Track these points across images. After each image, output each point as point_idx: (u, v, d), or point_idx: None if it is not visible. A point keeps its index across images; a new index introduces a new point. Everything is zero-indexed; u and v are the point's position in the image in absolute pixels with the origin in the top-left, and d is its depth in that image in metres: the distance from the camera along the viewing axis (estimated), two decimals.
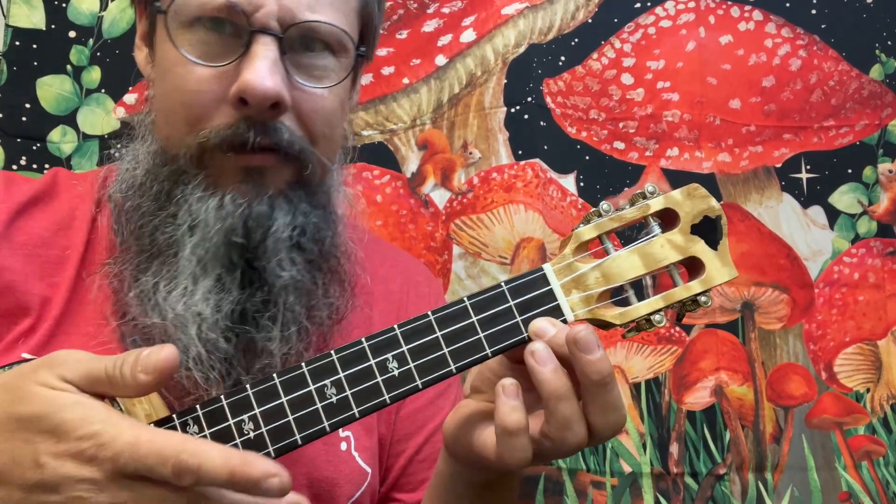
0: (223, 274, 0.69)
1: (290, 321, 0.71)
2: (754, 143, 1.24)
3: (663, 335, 1.21)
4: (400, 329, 0.60)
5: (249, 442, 0.58)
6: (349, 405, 0.58)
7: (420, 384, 0.59)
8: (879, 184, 1.24)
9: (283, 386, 0.58)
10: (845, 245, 1.24)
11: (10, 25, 1.24)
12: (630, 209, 0.63)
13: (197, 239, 0.69)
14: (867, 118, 1.24)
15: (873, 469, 1.19)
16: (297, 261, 0.72)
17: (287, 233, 0.71)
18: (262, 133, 0.68)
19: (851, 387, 1.21)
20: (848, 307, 1.22)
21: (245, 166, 0.70)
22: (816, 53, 1.25)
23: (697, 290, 0.63)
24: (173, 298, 0.69)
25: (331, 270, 0.76)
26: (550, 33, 1.26)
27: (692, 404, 1.20)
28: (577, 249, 0.63)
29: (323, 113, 0.73)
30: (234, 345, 0.69)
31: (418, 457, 0.85)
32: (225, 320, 0.68)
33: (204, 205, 0.69)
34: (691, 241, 0.63)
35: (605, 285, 0.62)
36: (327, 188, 0.77)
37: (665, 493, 1.18)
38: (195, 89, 0.69)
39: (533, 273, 0.62)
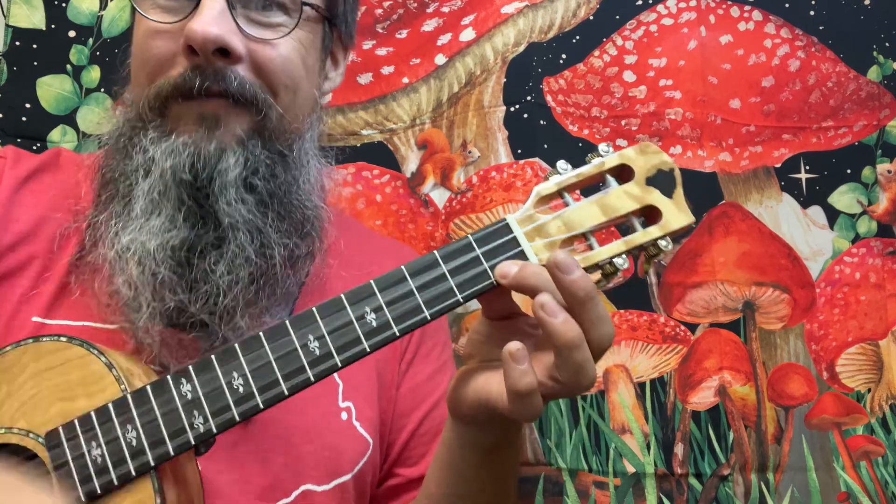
0: (174, 213, 0.73)
1: (237, 255, 0.73)
2: (754, 143, 1.24)
3: (669, 334, 1.20)
4: (375, 283, 0.64)
5: (239, 395, 0.62)
6: (331, 355, 0.62)
7: (397, 331, 0.63)
8: (878, 184, 1.24)
9: (268, 342, 0.63)
10: (846, 245, 1.24)
11: (10, 25, 1.24)
12: (587, 167, 0.67)
13: (150, 180, 0.73)
14: (865, 119, 1.25)
15: (872, 469, 1.19)
16: (248, 200, 0.75)
17: (236, 172, 0.74)
18: (211, 79, 0.73)
19: (853, 387, 1.21)
20: (850, 307, 1.22)
21: (199, 112, 0.74)
22: (815, 55, 1.25)
23: (657, 234, 0.65)
24: (124, 233, 0.73)
25: (288, 215, 0.78)
26: (551, 31, 1.26)
27: (697, 404, 1.19)
28: (538, 204, 0.66)
29: (279, 63, 0.76)
30: (178, 274, 0.72)
31: (419, 431, 0.87)
32: (169, 252, 0.72)
33: (157, 147, 0.74)
34: (647, 191, 0.66)
35: (566, 233, 0.65)
36: (291, 143, 0.79)
37: (669, 494, 1.17)
38: (152, 46, 0.75)
39: (497, 224, 0.65)
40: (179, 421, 0.62)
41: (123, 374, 0.64)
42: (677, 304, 1.21)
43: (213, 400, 0.62)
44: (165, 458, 0.61)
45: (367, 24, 1.25)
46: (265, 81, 0.76)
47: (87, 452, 0.61)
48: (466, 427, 0.69)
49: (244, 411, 0.62)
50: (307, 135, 0.83)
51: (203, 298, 0.72)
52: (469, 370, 0.67)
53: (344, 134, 1.25)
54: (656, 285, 1.21)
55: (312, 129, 0.84)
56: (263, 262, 0.75)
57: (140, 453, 0.61)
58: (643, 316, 1.21)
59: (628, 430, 1.18)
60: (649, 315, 1.21)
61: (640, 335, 1.20)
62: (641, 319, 1.20)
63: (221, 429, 0.62)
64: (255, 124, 0.76)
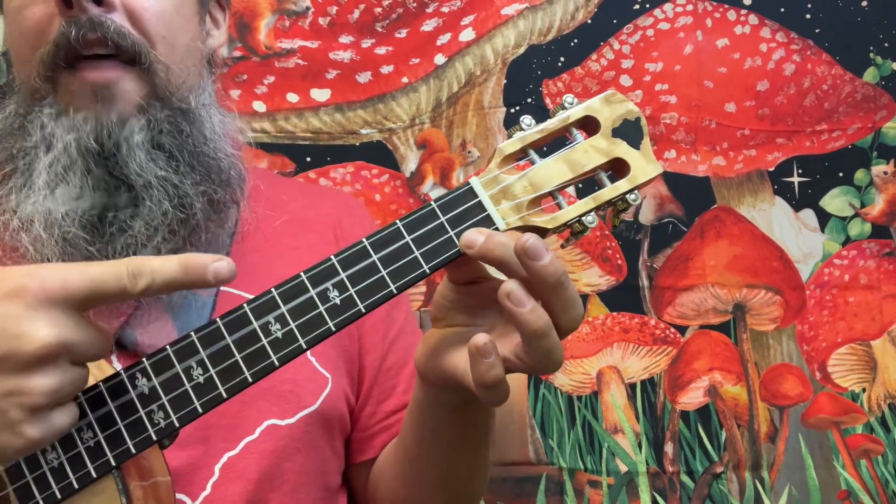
0: (82, 183, 0.72)
1: (153, 211, 0.73)
2: (748, 147, 1.25)
3: (659, 336, 1.21)
4: (336, 258, 0.60)
5: (200, 386, 0.58)
6: (295, 338, 0.59)
7: (362, 308, 0.60)
8: (874, 185, 1.25)
9: (226, 327, 0.59)
10: (836, 247, 1.24)
11: None
12: (551, 121, 0.63)
13: (53, 153, 0.72)
14: (860, 121, 1.25)
15: (872, 468, 1.20)
16: (158, 158, 0.74)
17: (142, 136, 0.73)
18: (87, 27, 0.71)
19: (846, 387, 1.22)
20: (839, 308, 1.23)
21: (91, 85, 0.72)
22: (810, 58, 1.26)
23: (625, 188, 0.63)
24: (26, 203, 0.72)
25: (200, 164, 0.77)
26: (550, 34, 1.26)
27: (686, 404, 1.21)
28: (503, 163, 0.63)
29: (154, 11, 0.75)
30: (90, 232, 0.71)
31: (384, 365, 0.88)
32: (79, 214, 0.71)
33: (57, 123, 0.73)
34: (614, 143, 0.63)
35: (533, 193, 0.62)
36: (186, 97, 0.78)
37: (661, 491, 1.18)
38: (27, 15, 0.73)
39: (460, 188, 0.62)
40: (139, 418, 0.58)
41: None
42: (668, 307, 1.22)
43: (172, 393, 0.58)
44: (127, 456, 0.58)
45: (366, 22, 1.25)
46: (141, 31, 0.74)
47: (42, 457, 0.58)
48: (434, 388, 0.68)
49: (206, 402, 0.59)
50: (202, 87, 0.82)
51: (121, 251, 0.71)
52: (436, 336, 0.65)
53: (343, 133, 1.25)
54: (648, 288, 1.22)
55: (205, 84, 0.83)
56: (182, 212, 0.74)
57: (99, 454, 0.58)
58: (635, 318, 1.22)
59: (620, 429, 1.20)
60: (640, 318, 1.22)
61: (632, 337, 1.21)
62: (633, 322, 1.22)
63: (184, 422, 0.59)
64: (148, 84, 0.75)
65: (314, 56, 1.25)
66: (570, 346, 1.21)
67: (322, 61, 1.25)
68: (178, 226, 0.74)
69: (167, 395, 0.58)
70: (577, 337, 1.21)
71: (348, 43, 1.25)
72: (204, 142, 0.78)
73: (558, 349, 0.58)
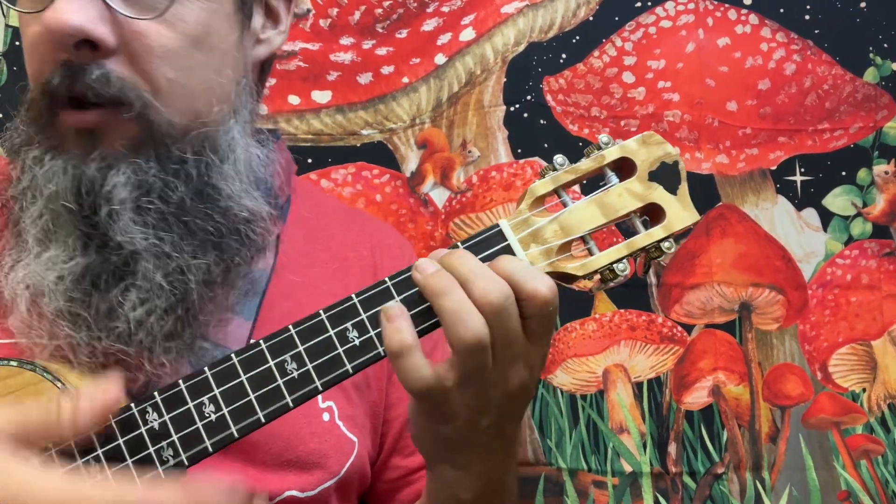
0: (71, 241, 0.65)
1: (145, 286, 0.65)
2: (750, 146, 1.25)
3: (666, 335, 1.21)
4: (358, 298, 0.59)
5: (211, 424, 0.57)
6: (311, 378, 0.57)
7: (382, 351, 0.58)
8: (875, 185, 1.25)
9: (241, 365, 0.57)
10: (838, 247, 1.24)
11: (10, 25, 1.23)
12: (585, 161, 0.62)
13: (38, 206, 0.65)
14: (861, 121, 1.25)
15: (872, 468, 1.20)
16: (147, 224, 0.65)
17: (124, 194, 0.64)
18: (72, 77, 0.63)
19: (847, 387, 1.21)
20: (840, 308, 1.23)
21: (76, 127, 0.65)
22: (810, 58, 1.25)
23: (660, 235, 0.61)
24: (18, 267, 0.65)
25: (202, 227, 0.68)
26: (551, 31, 1.26)
27: (690, 404, 1.20)
28: (533, 204, 0.61)
29: (160, 52, 0.64)
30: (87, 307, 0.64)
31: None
32: (69, 284, 0.64)
33: (39, 170, 0.65)
34: (650, 188, 0.61)
35: (564, 237, 0.61)
36: (193, 143, 0.68)
37: (664, 492, 1.18)
38: (29, 45, 0.67)
39: (489, 230, 0.61)
40: (148, 454, 0.56)
41: None
42: (675, 305, 1.22)
43: (182, 430, 0.56)
44: None
45: (366, 24, 1.25)
46: (143, 75, 0.64)
47: None
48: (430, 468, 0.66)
49: (217, 441, 0.56)
50: (229, 123, 0.71)
51: (118, 335, 0.64)
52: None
53: (344, 134, 1.25)
54: (656, 286, 1.22)
55: (237, 115, 0.72)
56: (177, 288, 0.66)
57: None
58: (642, 316, 1.21)
59: (626, 429, 1.19)
60: (648, 315, 1.21)
61: (639, 335, 1.21)
62: (640, 319, 1.21)
63: (193, 461, 0.57)
64: (140, 131, 0.65)
65: (315, 58, 1.25)
66: (575, 344, 1.20)
67: (323, 63, 1.25)
68: (176, 302, 0.66)
69: (178, 433, 0.57)
70: (583, 334, 1.21)
71: (349, 44, 1.25)
72: (205, 195, 0.69)
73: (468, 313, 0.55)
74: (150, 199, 0.65)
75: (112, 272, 0.65)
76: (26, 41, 0.67)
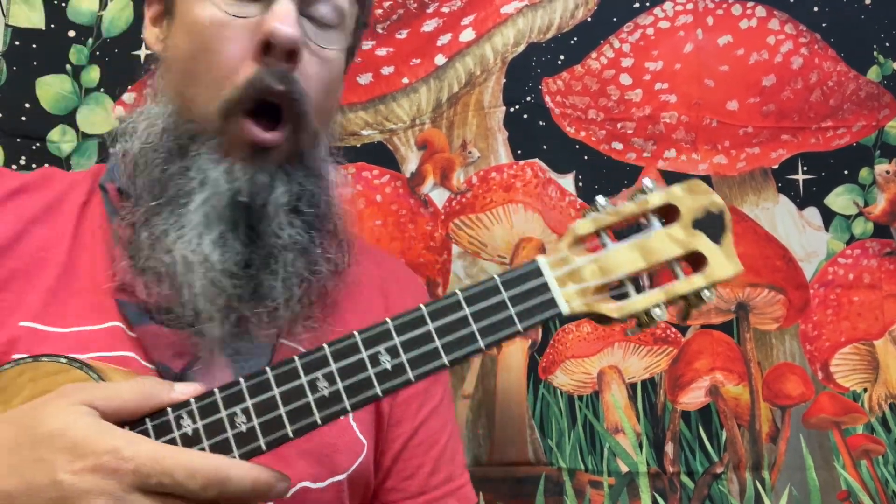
0: (226, 231, 0.73)
1: (291, 274, 0.75)
2: (751, 145, 1.24)
3: (659, 336, 1.21)
4: (393, 322, 0.60)
5: (241, 435, 0.58)
6: (341, 398, 0.58)
7: (412, 377, 0.59)
8: (876, 185, 1.24)
9: (275, 379, 0.59)
10: (840, 246, 1.24)
11: (9, 25, 1.25)
12: (628, 204, 0.62)
13: (206, 194, 0.72)
14: (864, 119, 1.25)
15: (872, 468, 1.19)
16: (296, 223, 0.76)
17: (285, 199, 0.75)
18: (278, 80, 0.72)
19: (848, 386, 1.21)
20: (843, 307, 1.23)
21: (255, 140, 0.73)
22: (818, 52, 1.25)
23: (700, 284, 0.61)
24: (182, 244, 0.72)
25: (327, 230, 0.80)
26: (549, 32, 1.26)
27: (687, 404, 1.20)
28: (574, 244, 0.62)
29: (324, 78, 0.77)
30: (240, 286, 0.73)
31: (412, 442, 0.86)
32: (231, 265, 0.72)
33: (215, 166, 0.73)
34: (693, 235, 0.61)
35: (602, 279, 0.61)
36: (318, 156, 0.80)
37: (662, 492, 1.18)
38: (222, 38, 0.73)
39: (527, 266, 0.61)
40: None
41: None
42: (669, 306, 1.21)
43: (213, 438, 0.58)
44: None
45: None
46: (309, 94, 0.75)
47: None
48: None
49: (245, 452, 0.58)
50: (327, 140, 0.83)
51: (265, 313, 0.73)
52: None
53: (344, 134, 1.25)
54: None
55: (332, 133, 0.85)
56: (313, 277, 0.77)
57: None
58: None
59: (621, 429, 1.19)
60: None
61: (633, 337, 1.21)
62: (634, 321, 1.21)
63: None
64: (295, 146, 0.76)
65: None
66: (572, 346, 1.21)
67: None
68: (309, 290, 0.77)
69: (209, 440, 0.58)
70: (578, 336, 1.21)
71: None
72: (333, 205, 0.81)
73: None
74: (302, 205, 0.77)
75: (261, 260, 0.74)
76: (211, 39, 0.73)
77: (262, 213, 0.74)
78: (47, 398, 0.55)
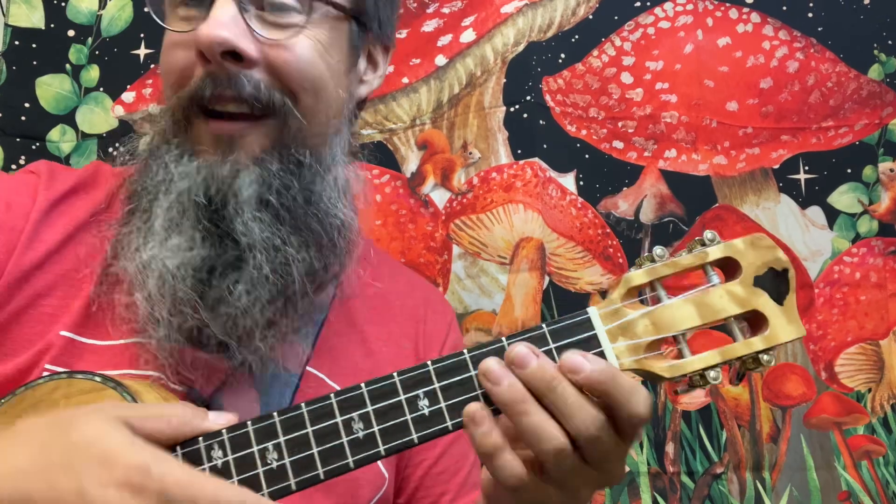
0: (193, 233, 0.71)
1: (255, 275, 0.71)
2: (751, 145, 1.24)
3: None
4: (434, 366, 0.58)
5: (272, 472, 0.56)
6: (375, 442, 0.56)
7: (450, 425, 0.57)
8: (880, 183, 1.24)
9: (310, 415, 0.57)
10: (845, 245, 1.23)
11: (9, 25, 1.25)
12: (687, 256, 0.59)
13: (169, 198, 0.72)
14: (866, 118, 1.24)
15: (873, 468, 1.19)
16: (263, 218, 0.72)
17: (251, 191, 0.72)
18: (224, 85, 0.71)
19: (853, 387, 1.21)
20: (849, 307, 1.22)
21: (216, 135, 0.73)
22: (814, 56, 1.24)
23: (760, 346, 0.57)
24: (144, 249, 0.71)
25: (305, 227, 0.75)
26: (550, 30, 1.26)
27: (687, 404, 1.20)
28: (627, 295, 0.59)
29: (296, 64, 0.73)
30: (199, 294, 0.70)
31: (435, 469, 0.84)
32: (190, 272, 0.70)
33: (177, 166, 0.72)
34: (754, 293, 0.57)
35: (655, 334, 0.57)
36: (313, 150, 0.76)
37: (662, 492, 1.18)
38: (171, 58, 0.74)
39: (577, 316, 0.58)
40: None
41: None
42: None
43: (243, 473, 0.56)
44: None
45: None
46: (283, 85, 0.73)
47: None
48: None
49: (274, 491, 0.56)
50: (334, 139, 0.79)
51: (223, 319, 0.70)
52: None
53: None
54: None
55: (341, 133, 0.81)
56: (281, 279, 0.72)
57: None
58: None
59: None
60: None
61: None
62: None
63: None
64: (274, 135, 0.74)
65: None
66: None
67: None
68: (276, 294, 0.72)
69: (238, 475, 0.57)
70: None
71: None
72: (315, 200, 0.76)
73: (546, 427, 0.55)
74: (269, 196, 0.72)
75: (226, 264, 0.71)
76: (169, 61, 0.75)
77: (225, 210, 0.71)
78: (86, 409, 0.54)
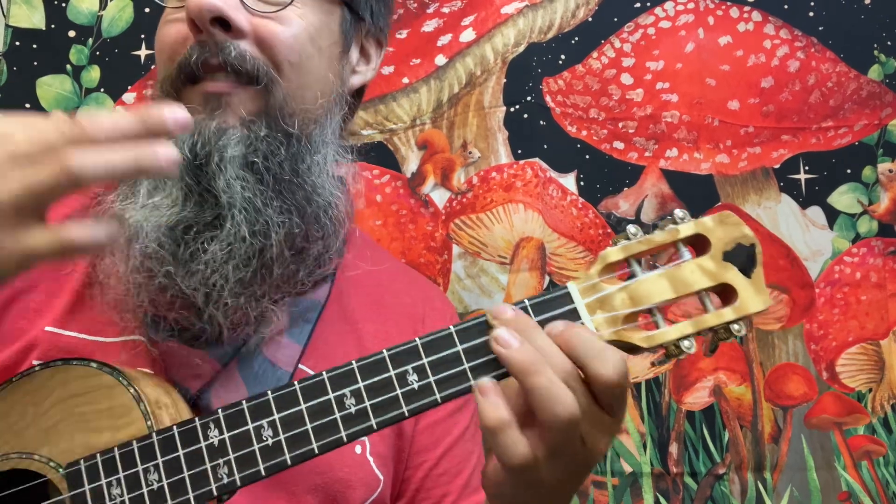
0: (176, 193, 0.72)
1: (232, 234, 0.72)
2: (752, 145, 1.24)
3: None
4: (421, 341, 0.60)
5: (267, 448, 0.58)
6: (367, 416, 0.58)
7: (439, 398, 0.59)
8: (880, 183, 1.24)
9: (303, 392, 0.59)
10: (846, 245, 1.23)
11: (10, 25, 1.25)
12: (659, 233, 0.62)
13: None
14: (866, 118, 1.24)
15: (873, 469, 1.19)
16: (247, 178, 0.73)
17: (236, 150, 0.73)
18: (210, 52, 0.73)
19: (854, 387, 1.21)
20: (850, 307, 1.22)
21: (204, 93, 0.74)
22: (814, 55, 1.25)
23: (730, 317, 0.60)
24: (123, 208, 0.72)
25: (288, 193, 0.76)
26: (550, 32, 1.26)
27: (691, 404, 1.20)
28: (603, 271, 0.61)
29: (283, 38, 0.75)
30: (172, 252, 0.71)
31: (436, 470, 0.84)
32: (164, 230, 0.71)
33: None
34: (724, 267, 0.61)
35: (631, 307, 0.60)
36: (301, 124, 0.77)
37: (665, 492, 1.18)
38: (165, 33, 0.77)
39: (556, 290, 0.61)
40: (204, 469, 0.59)
41: (151, 409, 0.62)
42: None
43: (239, 450, 0.59)
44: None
45: None
46: (269, 57, 0.75)
47: (107, 491, 0.59)
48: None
49: (270, 466, 0.58)
50: (324, 120, 0.80)
51: (192, 274, 0.71)
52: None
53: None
54: None
55: (331, 117, 0.82)
56: (258, 241, 0.73)
57: (160, 499, 0.59)
58: None
59: (625, 430, 1.19)
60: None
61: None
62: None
63: (245, 482, 0.59)
64: (260, 103, 0.75)
65: None
66: None
67: None
68: (252, 255, 0.73)
69: (234, 452, 0.59)
70: None
71: None
72: (302, 171, 0.77)
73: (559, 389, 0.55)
74: (255, 158, 0.73)
75: (205, 223, 0.72)
76: (162, 37, 0.77)
77: (209, 166, 0.72)
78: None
